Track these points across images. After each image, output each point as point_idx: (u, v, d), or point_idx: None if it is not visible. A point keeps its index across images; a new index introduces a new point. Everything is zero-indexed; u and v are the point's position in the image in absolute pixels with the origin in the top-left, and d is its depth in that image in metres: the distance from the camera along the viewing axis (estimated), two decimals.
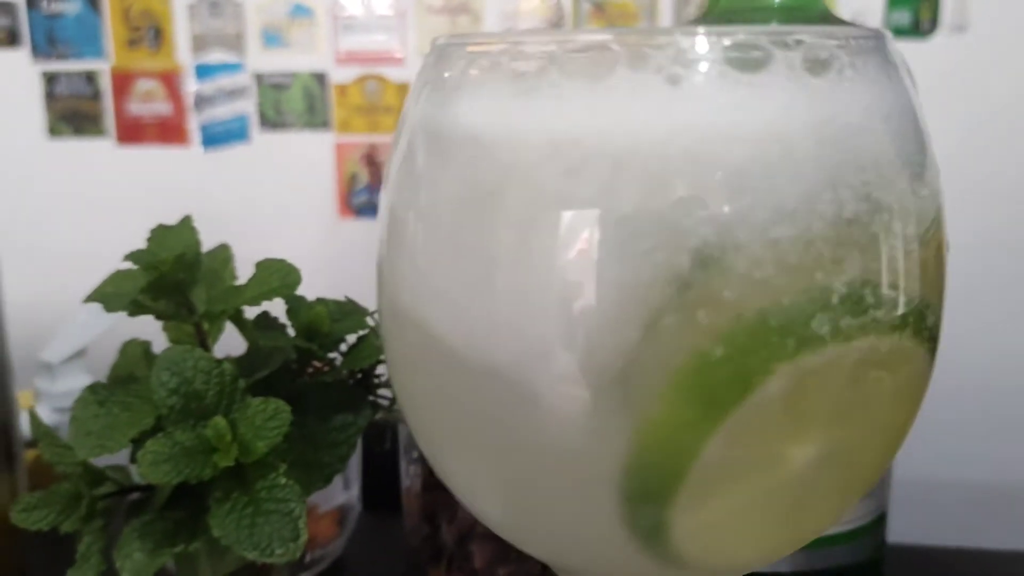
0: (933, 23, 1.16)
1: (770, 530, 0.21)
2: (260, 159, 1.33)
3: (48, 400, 0.59)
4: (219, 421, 0.32)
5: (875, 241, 0.18)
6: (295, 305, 0.37)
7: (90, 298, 0.35)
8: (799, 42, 0.18)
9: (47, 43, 1.38)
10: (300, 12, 1.33)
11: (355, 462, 0.54)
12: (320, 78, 1.32)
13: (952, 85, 1.14)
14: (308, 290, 0.40)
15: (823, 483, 0.20)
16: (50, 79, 1.38)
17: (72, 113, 1.40)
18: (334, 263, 1.31)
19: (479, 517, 0.25)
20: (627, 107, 0.17)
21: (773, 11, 0.36)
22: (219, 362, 0.34)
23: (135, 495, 0.37)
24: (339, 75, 1.31)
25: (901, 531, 0.47)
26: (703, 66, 0.18)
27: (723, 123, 0.17)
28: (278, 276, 0.35)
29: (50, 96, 1.39)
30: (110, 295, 0.35)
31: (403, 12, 1.30)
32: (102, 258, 1.37)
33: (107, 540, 0.35)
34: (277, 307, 0.39)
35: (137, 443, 0.33)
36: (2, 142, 1.32)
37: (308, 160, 1.32)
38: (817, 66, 0.18)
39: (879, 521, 0.40)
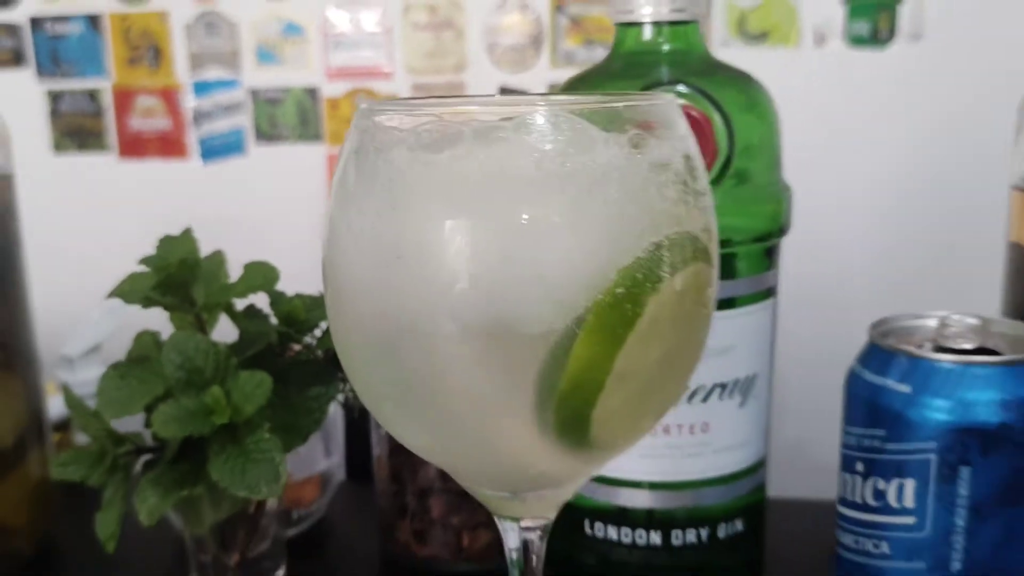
0: (891, 32, 1.23)
1: (643, 409, 0.30)
2: (256, 170, 1.39)
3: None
4: (216, 389, 0.41)
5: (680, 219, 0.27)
6: (276, 298, 0.46)
7: (112, 294, 0.44)
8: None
9: (51, 63, 1.44)
10: (292, 30, 1.39)
11: (338, 436, 0.63)
12: (312, 93, 1.38)
13: (909, 91, 1.21)
14: (296, 285, 0.48)
15: (670, 372, 0.29)
16: (54, 97, 1.44)
17: (76, 129, 1.45)
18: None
19: (415, 452, 0.33)
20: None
21: (663, 55, 0.45)
22: (215, 344, 0.42)
23: (148, 454, 0.45)
24: (330, 90, 1.37)
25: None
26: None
27: None
28: (261, 275, 0.44)
29: (54, 113, 1.45)
30: (128, 291, 0.43)
31: (390, 29, 1.36)
32: (107, 264, 1.45)
33: (127, 489, 0.44)
34: (262, 300, 0.47)
35: (150, 409, 0.42)
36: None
37: (301, 171, 1.38)
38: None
39: (759, 466, 0.48)
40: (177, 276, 0.43)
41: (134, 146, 1.43)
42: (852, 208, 1.27)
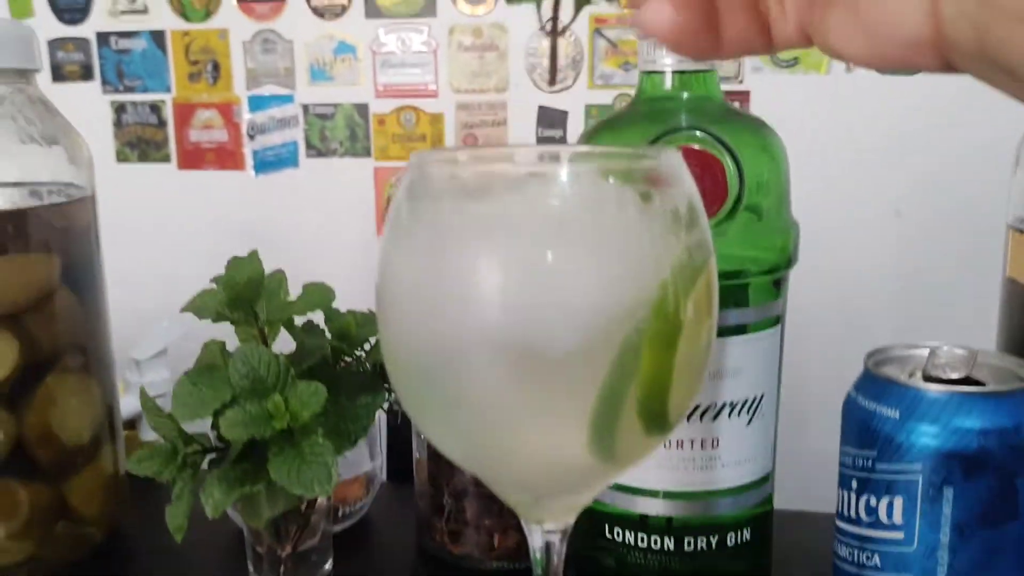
0: None
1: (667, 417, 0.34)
2: (307, 182, 1.45)
3: (136, 390, 0.73)
4: (277, 397, 0.46)
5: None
6: (331, 315, 0.51)
7: (185, 309, 0.49)
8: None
9: (116, 76, 1.51)
10: (344, 49, 1.45)
11: (379, 441, 0.68)
12: (361, 109, 1.44)
13: (938, 116, 1.23)
14: (348, 299, 0.53)
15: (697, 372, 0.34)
16: (118, 109, 1.51)
17: (138, 140, 1.52)
18: (373, 278, 1.44)
19: (450, 459, 0.38)
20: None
21: (682, 102, 0.49)
22: (277, 356, 0.47)
23: (213, 453, 0.51)
24: (378, 106, 1.43)
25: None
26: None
27: None
28: (319, 295, 0.49)
29: (118, 124, 1.52)
30: (199, 306, 0.49)
31: (435, 50, 1.41)
32: (168, 268, 1.52)
33: (195, 484, 0.49)
34: (318, 316, 0.53)
35: (217, 413, 0.47)
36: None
37: (350, 183, 1.44)
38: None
39: (765, 479, 0.52)
40: (244, 294, 0.48)
41: (193, 157, 1.50)
42: (859, 238, 1.30)
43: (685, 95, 0.49)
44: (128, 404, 0.71)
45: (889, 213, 1.27)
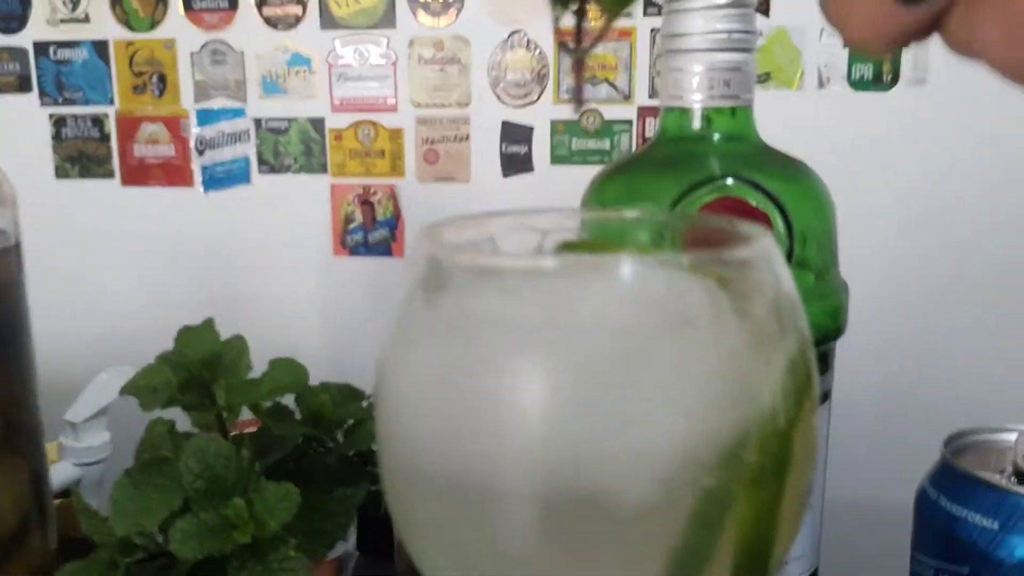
0: (894, 76, 1.23)
1: None
2: (260, 200, 1.38)
3: (72, 455, 0.64)
4: (238, 502, 0.38)
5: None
6: (303, 394, 0.43)
7: (127, 391, 0.41)
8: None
9: (55, 88, 1.42)
10: (298, 62, 1.38)
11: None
12: (317, 124, 1.37)
13: (911, 133, 1.20)
14: (305, 324, 0.46)
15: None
16: (58, 122, 1.43)
17: (78, 155, 1.44)
18: (330, 299, 1.36)
19: None
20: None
21: (713, 145, 0.42)
22: (238, 449, 0.39)
23: (161, 558, 0.43)
24: (335, 121, 1.36)
25: None
26: None
27: None
28: (289, 374, 0.41)
29: (57, 139, 1.43)
30: (144, 389, 0.41)
31: (395, 63, 1.35)
32: (109, 294, 1.42)
33: None
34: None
35: (167, 523, 0.39)
36: (12, 183, 1.37)
37: (305, 201, 1.37)
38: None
39: None
40: (198, 375, 0.40)
41: (138, 173, 1.42)
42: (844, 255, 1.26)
43: (716, 136, 0.42)
44: (63, 472, 0.62)
45: (876, 226, 1.22)
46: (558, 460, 0.23)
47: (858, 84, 1.23)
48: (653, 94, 1.28)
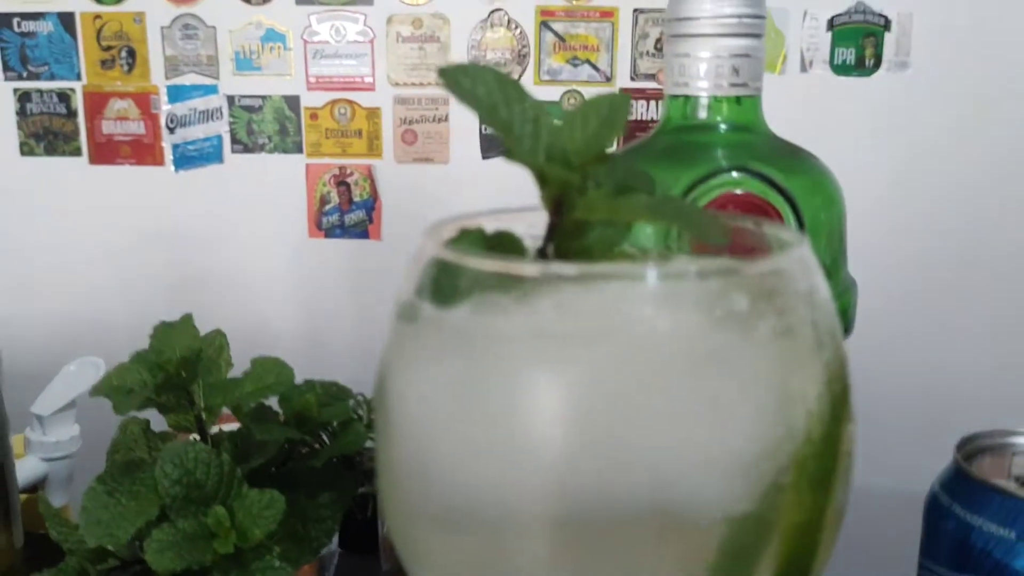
0: (876, 60, 1.22)
1: None
2: (233, 180, 1.35)
3: (38, 449, 0.62)
4: (219, 510, 0.36)
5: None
6: (287, 394, 0.41)
7: (97, 392, 0.39)
8: None
9: (20, 62, 1.38)
10: (273, 38, 1.35)
11: None
12: (292, 102, 1.34)
13: (893, 116, 1.20)
14: (279, 308, 0.43)
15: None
16: (22, 97, 1.39)
17: (44, 131, 1.40)
18: (305, 281, 1.33)
19: None
20: None
21: (719, 136, 0.40)
22: (218, 453, 0.37)
23: (135, 566, 0.40)
24: (310, 99, 1.33)
25: None
26: None
27: None
28: (273, 374, 0.39)
29: (22, 114, 1.39)
30: (117, 390, 0.38)
31: (372, 40, 1.32)
32: (75, 274, 1.39)
33: None
34: None
35: (142, 533, 0.37)
36: None
37: (280, 181, 1.34)
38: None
39: None
40: (176, 375, 0.38)
41: (106, 151, 1.38)
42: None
43: (723, 126, 0.40)
44: (30, 467, 0.60)
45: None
46: (588, 474, 0.21)
47: (840, 68, 1.22)
48: (635, 76, 1.27)
